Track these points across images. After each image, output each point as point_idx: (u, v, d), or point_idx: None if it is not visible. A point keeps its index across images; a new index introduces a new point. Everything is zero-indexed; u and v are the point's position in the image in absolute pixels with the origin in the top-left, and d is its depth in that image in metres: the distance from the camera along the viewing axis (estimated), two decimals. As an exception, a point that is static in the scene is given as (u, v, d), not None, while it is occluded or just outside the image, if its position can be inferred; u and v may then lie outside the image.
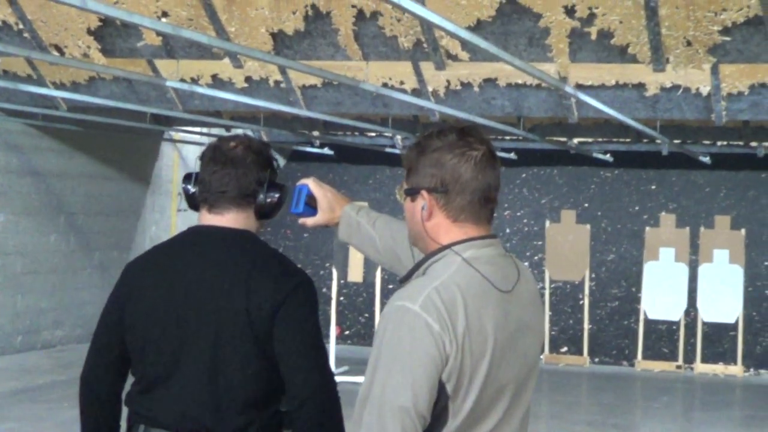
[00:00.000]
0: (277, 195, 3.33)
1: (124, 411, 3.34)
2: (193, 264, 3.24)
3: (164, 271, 3.27)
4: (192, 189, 3.36)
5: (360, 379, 3.46)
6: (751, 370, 14.88)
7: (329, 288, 13.28)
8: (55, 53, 10.76)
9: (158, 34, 10.43)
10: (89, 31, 10.69)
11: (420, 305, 2.45)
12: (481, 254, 2.56)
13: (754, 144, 13.96)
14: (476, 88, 10.53)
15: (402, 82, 10.60)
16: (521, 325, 2.60)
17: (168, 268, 3.27)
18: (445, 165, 2.57)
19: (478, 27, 9.59)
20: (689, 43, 9.48)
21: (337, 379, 3.25)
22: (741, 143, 13.89)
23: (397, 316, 2.47)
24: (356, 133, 15.51)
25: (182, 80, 10.83)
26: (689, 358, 14.77)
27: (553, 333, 15.27)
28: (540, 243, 15.82)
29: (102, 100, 10.80)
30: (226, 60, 10.91)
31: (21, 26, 10.73)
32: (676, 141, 13.21)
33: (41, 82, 11.59)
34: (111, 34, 10.76)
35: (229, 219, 3.29)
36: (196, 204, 3.36)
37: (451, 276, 2.51)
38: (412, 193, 2.63)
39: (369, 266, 12.95)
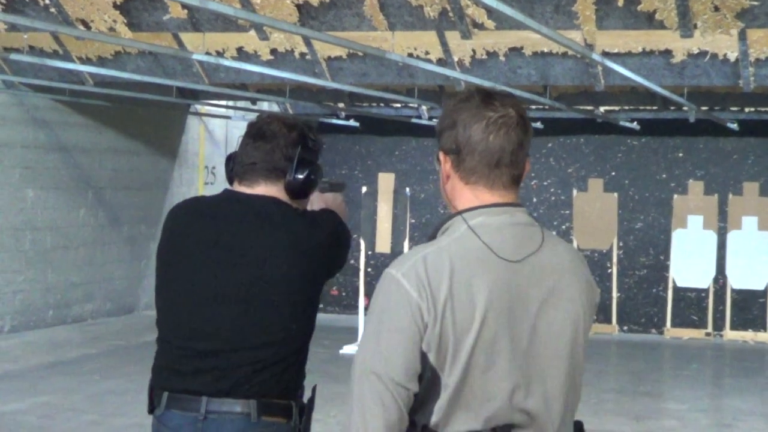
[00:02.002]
0: (305, 172, 3.34)
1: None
2: (227, 213, 3.32)
3: (201, 218, 3.35)
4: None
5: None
6: (781, 336, 14.85)
7: (357, 259, 13.31)
8: (81, 28, 10.78)
9: (184, 6, 10.44)
10: (115, 5, 10.70)
11: (403, 272, 2.44)
12: (491, 222, 2.51)
13: (782, 110, 13.88)
14: (502, 57, 10.50)
15: (427, 52, 10.58)
16: (543, 295, 2.51)
17: (205, 215, 3.35)
18: (459, 125, 2.54)
19: (503, -5, 9.55)
20: (717, 9, 9.41)
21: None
22: (769, 109, 13.81)
23: (382, 283, 2.48)
24: (382, 105, 15.49)
25: (208, 53, 10.84)
26: (718, 326, 14.75)
27: (581, 302, 15.23)
28: (567, 212, 15.79)
29: (128, 75, 10.82)
30: (252, 32, 10.91)
31: (47, 1, 10.75)
32: (703, 108, 13.13)
33: (67, 57, 11.63)
34: (137, 8, 10.77)
35: (259, 191, 3.34)
36: (231, 178, 3.42)
37: (448, 244, 2.49)
38: (437, 156, 2.62)
39: (396, 237, 12.97)
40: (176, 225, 3.38)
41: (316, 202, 3.68)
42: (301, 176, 3.35)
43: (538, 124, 15.54)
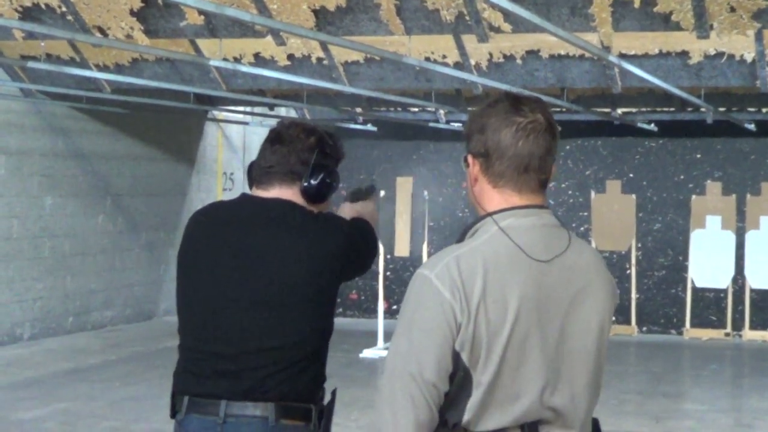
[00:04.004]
0: (320, 177, 3.37)
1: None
2: (243, 217, 3.36)
3: (218, 223, 3.39)
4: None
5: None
6: (801, 336, 14.81)
7: (376, 263, 13.30)
8: (98, 35, 10.83)
9: (200, 13, 10.47)
10: (132, 12, 10.75)
11: (436, 273, 2.47)
12: (521, 223, 2.56)
13: (800, 110, 13.85)
14: (519, 60, 10.51)
15: (444, 56, 10.60)
16: (572, 295, 2.56)
17: (222, 220, 3.40)
18: (488, 130, 2.58)
19: (519, -2, 9.57)
20: (733, 9, 9.40)
21: (385, 353, 3.32)
22: (787, 109, 13.79)
23: (415, 284, 2.51)
24: (399, 109, 15.49)
25: (225, 59, 10.87)
26: (738, 326, 14.71)
27: (600, 304, 15.21)
28: (586, 214, 15.77)
29: (145, 81, 10.87)
30: (269, 38, 10.95)
31: (64, 9, 10.80)
32: (720, 109, 13.11)
33: (84, 64, 11.68)
34: (153, 15, 10.82)
35: (274, 194, 3.37)
36: (251, 184, 3.46)
37: (479, 245, 2.53)
38: (465, 159, 2.66)
39: (415, 240, 12.98)
40: (194, 231, 3.43)
41: (347, 211, 3.71)
42: (315, 181, 3.37)
43: (556, 127, 15.53)
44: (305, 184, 3.37)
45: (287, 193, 3.37)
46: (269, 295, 3.24)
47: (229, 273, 3.29)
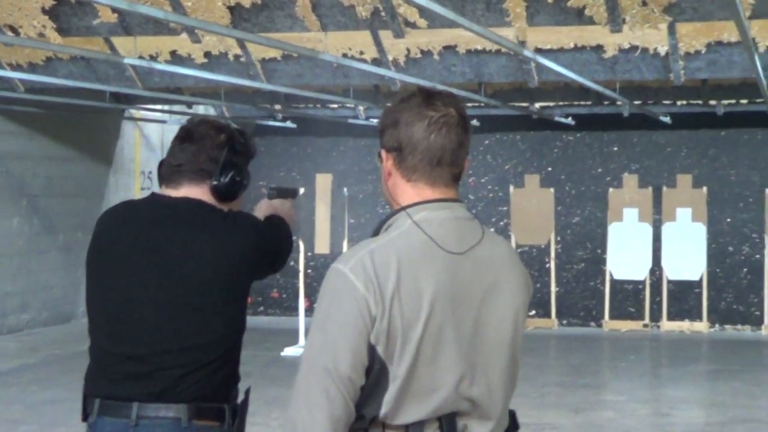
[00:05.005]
0: (229, 175, 3.34)
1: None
2: (151, 217, 3.33)
3: (126, 223, 3.35)
4: None
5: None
6: (716, 325, 15.05)
7: (296, 261, 13.28)
8: (10, 34, 10.67)
9: (114, 10, 10.36)
10: (44, 11, 10.60)
11: (350, 267, 2.48)
12: (434, 216, 2.57)
13: (713, 102, 14.05)
14: (436, 56, 10.54)
15: (362, 52, 10.59)
16: (486, 287, 2.58)
17: (130, 220, 3.35)
18: (401, 124, 2.59)
19: (435, -7, 9.58)
20: (645, 3, 9.52)
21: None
22: (700, 102, 13.96)
23: (330, 278, 2.52)
24: (318, 105, 15.47)
25: (141, 57, 10.77)
26: (655, 317, 14.91)
27: (520, 297, 15.32)
28: (505, 208, 15.87)
29: (60, 80, 10.73)
30: (184, 35, 10.86)
31: (-25, 8, 10.63)
32: (636, 102, 13.27)
33: (-3, 64, 11.51)
34: (66, 13, 10.68)
35: (183, 192, 3.33)
36: (161, 182, 3.43)
37: (393, 238, 2.54)
38: (379, 153, 2.67)
39: (335, 237, 12.97)
40: (103, 231, 3.39)
41: (264, 208, 3.69)
42: (225, 179, 3.34)
43: (475, 122, 15.61)
44: (215, 182, 3.34)
45: (196, 191, 3.34)
46: (179, 296, 3.21)
47: (138, 274, 3.25)
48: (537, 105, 14.49)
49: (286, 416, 2.50)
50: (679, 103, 14.47)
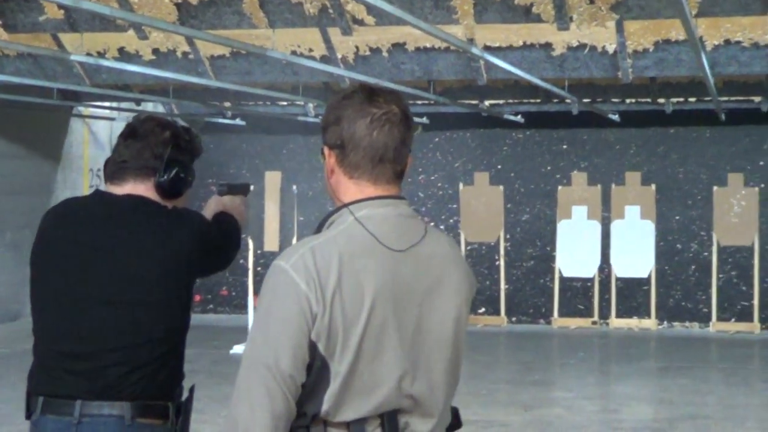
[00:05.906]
0: (173, 172, 3.33)
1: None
2: (94, 215, 3.32)
3: (70, 220, 3.35)
4: None
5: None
6: (665, 322, 15.16)
7: (246, 258, 13.24)
8: (-44, 30, 10.55)
9: (60, 6, 10.26)
10: (-11, 7, 10.50)
11: (291, 264, 2.48)
12: (376, 213, 2.57)
13: (661, 100, 14.14)
14: (385, 53, 10.53)
15: (311, 50, 10.57)
16: (427, 284, 2.59)
17: (73, 217, 3.36)
18: (343, 121, 2.59)
19: (383, -9, 9.57)
20: (592, 1, 9.56)
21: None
22: (649, 100, 14.06)
23: (271, 275, 2.52)
24: (267, 103, 15.43)
25: (88, 54, 10.68)
26: (604, 314, 15.00)
27: (470, 295, 15.36)
28: (454, 206, 15.90)
29: (7, 77, 10.63)
30: (131, 32, 10.78)
31: None
32: (585, 100, 13.34)
33: (-58, 60, 11.37)
34: (12, 9, 10.57)
35: (127, 189, 3.32)
36: (106, 180, 3.42)
37: (335, 235, 2.54)
38: (322, 150, 2.67)
39: (285, 235, 12.94)
40: (46, 229, 3.38)
41: (213, 205, 3.68)
42: (169, 176, 3.33)
43: (424, 119, 15.63)
44: (159, 179, 3.33)
45: (141, 188, 3.33)
46: (121, 293, 3.20)
47: (81, 271, 3.25)
48: (486, 103, 14.52)
49: (227, 413, 2.50)
50: (627, 101, 14.57)
